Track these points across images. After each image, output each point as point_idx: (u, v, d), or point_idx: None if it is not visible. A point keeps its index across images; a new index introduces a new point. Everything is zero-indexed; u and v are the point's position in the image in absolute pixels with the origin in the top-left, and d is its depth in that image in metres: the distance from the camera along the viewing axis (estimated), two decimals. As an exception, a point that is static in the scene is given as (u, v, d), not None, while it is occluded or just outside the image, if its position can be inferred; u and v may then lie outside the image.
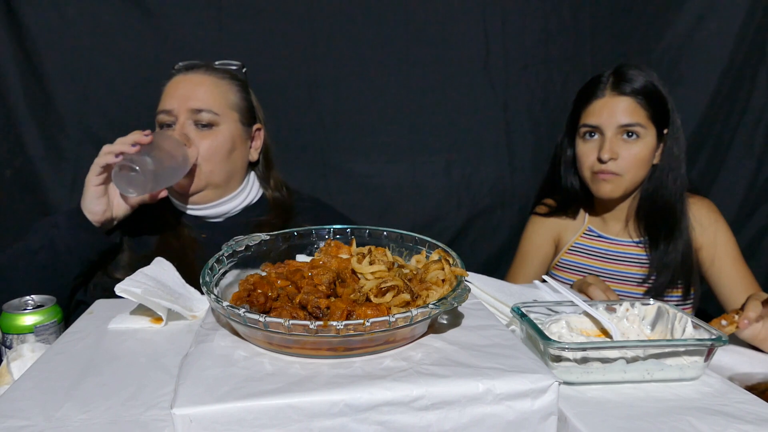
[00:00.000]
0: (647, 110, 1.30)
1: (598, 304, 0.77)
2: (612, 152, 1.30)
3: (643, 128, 1.29)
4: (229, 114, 1.24)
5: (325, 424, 0.51)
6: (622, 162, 1.30)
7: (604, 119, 1.31)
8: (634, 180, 1.33)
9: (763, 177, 1.75)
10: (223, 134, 1.22)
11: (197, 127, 1.20)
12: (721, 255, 1.35)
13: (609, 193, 1.34)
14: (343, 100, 1.65)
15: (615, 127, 1.30)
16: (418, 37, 1.64)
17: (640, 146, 1.30)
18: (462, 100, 1.68)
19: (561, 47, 1.70)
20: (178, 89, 1.22)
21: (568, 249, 1.46)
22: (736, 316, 0.93)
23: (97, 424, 0.55)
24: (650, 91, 1.30)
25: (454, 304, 0.60)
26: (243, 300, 0.64)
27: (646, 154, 1.31)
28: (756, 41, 1.69)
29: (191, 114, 1.20)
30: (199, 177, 1.21)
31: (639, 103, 1.30)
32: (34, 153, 1.53)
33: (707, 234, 1.36)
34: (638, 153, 1.30)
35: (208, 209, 1.25)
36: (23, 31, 1.49)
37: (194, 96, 1.20)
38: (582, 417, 0.58)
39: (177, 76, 1.24)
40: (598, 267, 1.42)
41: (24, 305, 0.89)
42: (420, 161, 1.69)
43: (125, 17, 1.53)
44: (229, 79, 1.26)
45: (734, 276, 1.33)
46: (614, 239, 1.42)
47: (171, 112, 1.20)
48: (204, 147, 1.20)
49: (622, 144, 1.30)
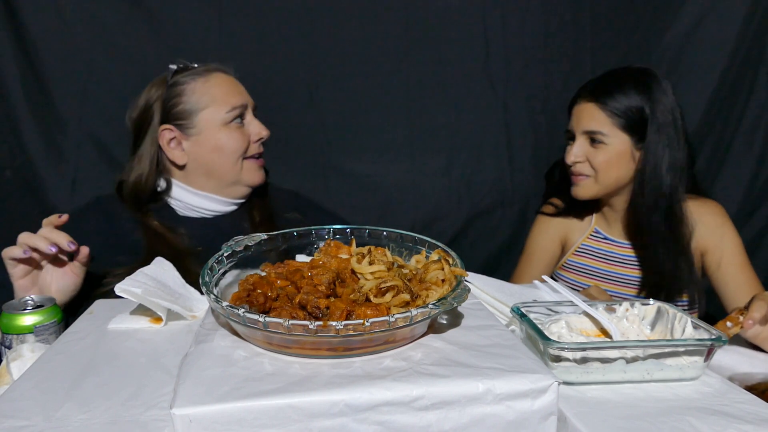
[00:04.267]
0: (615, 119, 1.29)
1: (597, 304, 0.77)
2: (575, 156, 1.33)
3: (605, 135, 1.30)
4: None
5: (325, 424, 0.51)
6: (589, 165, 1.33)
7: (574, 124, 1.35)
8: (606, 183, 1.33)
9: (763, 177, 1.75)
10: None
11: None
12: (728, 259, 1.33)
13: (579, 194, 1.37)
14: (343, 100, 1.65)
15: (581, 132, 1.33)
16: (418, 37, 1.64)
17: (605, 152, 1.31)
18: (462, 100, 1.68)
19: (561, 47, 1.70)
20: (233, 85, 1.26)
21: (575, 250, 1.45)
22: (740, 317, 0.92)
23: (97, 424, 0.55)
24: (622, 101, 1.30)
25: (453, 304, 0.60)
26: (243, 300, 0.64)
27: (613, 159, 1.31)
28: (756, 41, 1.69)
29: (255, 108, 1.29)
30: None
31: (604, 110, 1.30)
32: (34, 153, 1.53)
33: (713, 237, 1.34)
34: (604, 158, 1.31)
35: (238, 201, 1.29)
36: (23, 31, 1.49)
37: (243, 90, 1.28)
38: (582, 417, 0.57)
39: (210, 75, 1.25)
40: (604, 269, 1.41)
41: (24, 305, 0.88)
42: (420, 161, 1.69)
43: (125, 17, 1.53)
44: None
45: (740, 281, 1.32)
46: (618, 241, 1.42)
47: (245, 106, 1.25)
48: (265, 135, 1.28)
49: (589, 148, 1.32)
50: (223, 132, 1.22)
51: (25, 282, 0.98)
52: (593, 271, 1.42)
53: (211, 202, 1.26)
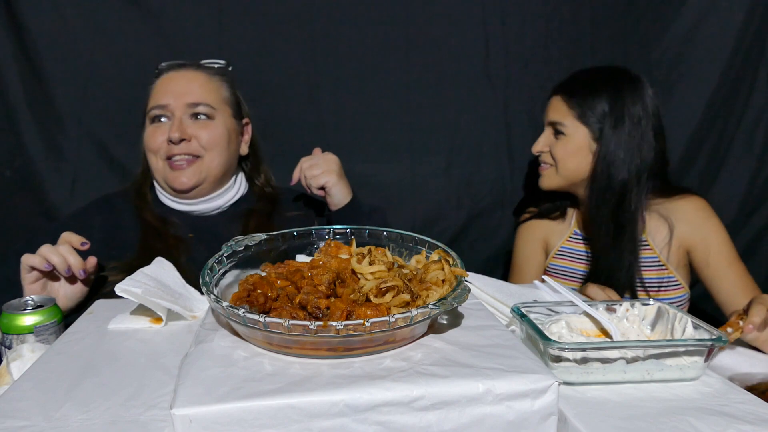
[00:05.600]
0: (575, 110, 1.34)
1: (598, 304, 0.77)
2: (539, 146, 1.40)
3: (565, 126, 1.35)
4: (223, 108, 1.26)
5: (324, 424, 0.51)
6: (551, 155, 1.38)
7: (545, 116, 1.41)
8: (566, 174, 1.37)
9: (763, 177, 1.75)
10: (220, 126, 1.24)
11: (193, 119, 1.22)
12: (716, 256, 1.32)
13: (543, 183, 1.43)
14: (343, 100, 1.65)
15: (547, 123, 1.39)
16: (418, 38, 1.64)
17: (564, 143, 1.35)
18: (462, 100, 1.68)
19: (561, 47, 1.70)
20: (172, 85, 1.23)
21: (555, 253, 1.47)
22: (740, 322, 0.92)
23: (97, 424, 0.55)
24: (581, 93, 1.34)
25: (453, 304, 0.60)
26: (243, 300, 0.64)
27: (571, 149, 1.35)
28: (756, 41, 1.69)
29: (188, 108, 1.21)
30: (200, 169, 1.22)
31: (567, 102, 1.35)
32: (34, 153, 1.53)
33: (697, 233, 1.33)
34: (563, 148, 1.36)
35: (201, 204, 1.26)
36: (23, 31, 1.49)
37: (190, 91, 1.22)
38: (582, 417, 0.57)
39: (167, 74, 1.25)
40: (583, 270, 1.42)
41: (24, 305, 0.88)
42: (420, 161, 1.69)
43: (125, 17, 1.53)
44: (219, 76, 1.29)
45: (731, 277, 1.30)
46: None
47: (167, 107, 1.21)
48: (204, 138, 1.21)
49: (553, 139, 1.38)
50: (146, 127, 1.25)
51: (35, 287, 1.01)
52: (573, 273, 1.43)
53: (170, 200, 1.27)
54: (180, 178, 1.21)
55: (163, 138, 1.20)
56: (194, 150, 1.21)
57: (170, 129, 1.19)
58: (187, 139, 1.20)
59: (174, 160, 1.21)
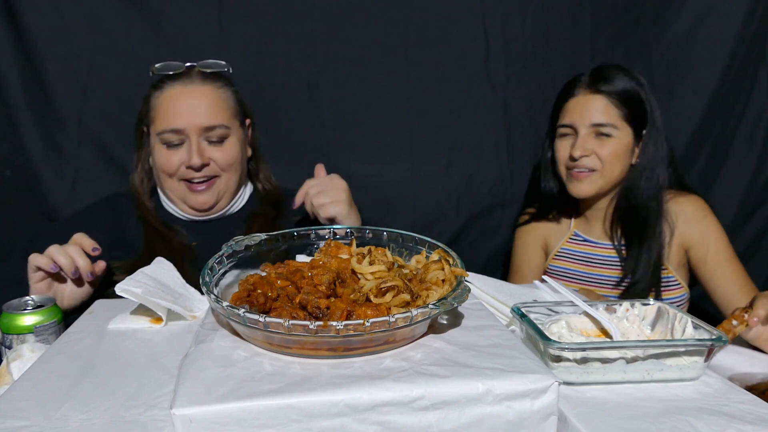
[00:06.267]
0: (621, 110, 1.30)
1: (598, 304, 0.77)
2: (583, 149, 1.30)
3: (615, 128, 1.30)
4: (234, 122, 1.24)
5: (324, 424, 0.51)
6: (596, 158, 1.31)
7: (577, 118, 1.32)
8: (610, 178, 1.33)
9: (763, 177, 1.74)
10: (235, 145, 1.22)
11: (208, 141, 1.19)
12: (713, 254, 1.32)
13: (584, 191, 1.34)
14: (343, 100, 1.64)
15: (588, 125, 1.31)
16: (418, 37, 1.64)
17: (613, 144, 1.30)
18: (462, 100, 1.68)
19: (561, 47, 1.70)
20: (182, 105, 1.17)
21: (555, 255, 1.46)
22: (745, 315, 0.92)
23: (97, 424, 0.55)
24: (626, 91, 1.30)
25: (454, 304, 0.60)
26: (243, 300, 0.64)
27: (620, 151, 1.31)
28: (756, 41, 1.69)
29: (203, 132, 1.17)
30: (218, 189, 1.22)
31: (612, 102, 1.30)
32: (34, 153, 1.53)
33: (696, 232, 1.33)
34: (612, 150, 1.30)
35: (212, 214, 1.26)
36: (23, 31, 1.49)
37: (203, 112, 1.17)
38: (582, 417, 0.57)
39: (173, 88, 1.20)
40: (584, 272, 1.42)
41: (24, 305, 0.88)
42: (420, 161, 1.69)
43: (125, 17, 1.53)
44: (224, 85, 1.25)
45: (728, 275, 1.30)
46: (597, 242, 1.42)
47: (182, 131, 1.16)
48: (221, 160, 1.19)
49: (595, 142, 1.31)
50: (156, 148, 1.21)
51: (41, 286, 1.00)
52: (574, 275, 1.42)
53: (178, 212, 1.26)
54: (199, 198, 1.21)
55: (180, 162, 1.18)
56: (213, 172, 1.20)
57: (189, 155, 1.16)
58: (206, 163, 1.19)
59: (193, 182, 1.20)
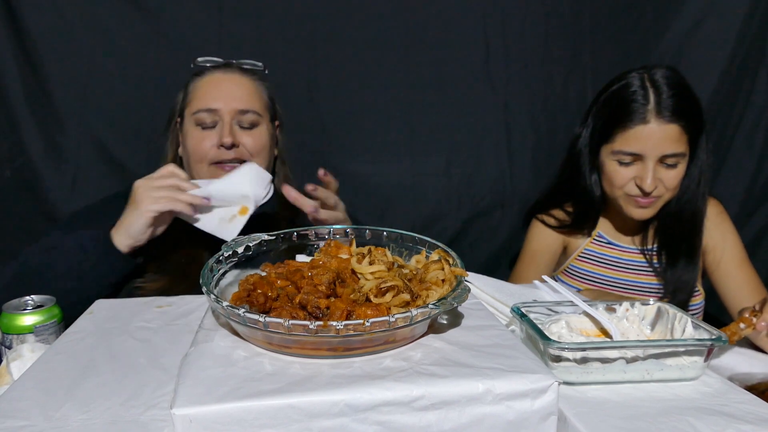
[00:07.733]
0: (689, 134, 1.23)
1: (598, 304, 0.77)
2: (655, 182, 1.23)
3: (684, 156, 1.23)
4: (265, 114, 1.27)
5: (325, 424, 0.51)
6: (662, 186, 1.25)
7: (648, 149, 1.21)
8: (669, 200, 1.29)
9: (763, 177, 1.75)
10: (265, 133, 1.25)
11: (240, 125, 1.21)
12: (728, 258, 1.33)
13: (646, 214, 1.29)
14: (343, 100, 1.65)
15: (658, 156, 1.22)
16: (418, 38, 1.64)
17: (680, 170, 1.24)
18: (462, 100, 1.68)
19: (561, 47, 1.70)
20: (221, 88, 1.22)
21: (578, 255, 1.41)
22: (753, 319, 0.92)
23: (97, 424, 0.55)
24: (692, 109, 1.23)
25: (453, 304, 0.60)
26: (243, 300, 0.64)
27: (683, 173, 1.26)
28: (756, 41, 1.69)
29: (237, 114, 1.20)
30: None
31: (683, 128, 1.21)
32: (34, 153, 1.53)
33: (715, 236, 1.34)
34: (679, 178, 1.25)
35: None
36: (23, 31, 1.49)
37: (239, 96, 1.21)
38: (582, 417, 0.57)
39: (213, 74, 1.24)
40: (607, 275, 1.39)
41: (24, 305, 0.88)
42: (420, 161, 1.69)
43: (125, 17, 1.53)
44: (260, 80, 1.29)
45: (740, 279, 1.32)
46: (625, 247, 1.39)
47: (217, 111, 1.20)
48: (250, 144, 1.21)
49: (662, 171, 1.23)
50: (190, 132, 1.23)
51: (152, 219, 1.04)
52: (597, 278, 1.40)
53: None
54: None
55: (212, 144, 1.20)
56: (242, 155, 1.21)
57: (221, 134, 1.19)
58: (237, 144, 1.20)
59: (224, 163, 1.21)
